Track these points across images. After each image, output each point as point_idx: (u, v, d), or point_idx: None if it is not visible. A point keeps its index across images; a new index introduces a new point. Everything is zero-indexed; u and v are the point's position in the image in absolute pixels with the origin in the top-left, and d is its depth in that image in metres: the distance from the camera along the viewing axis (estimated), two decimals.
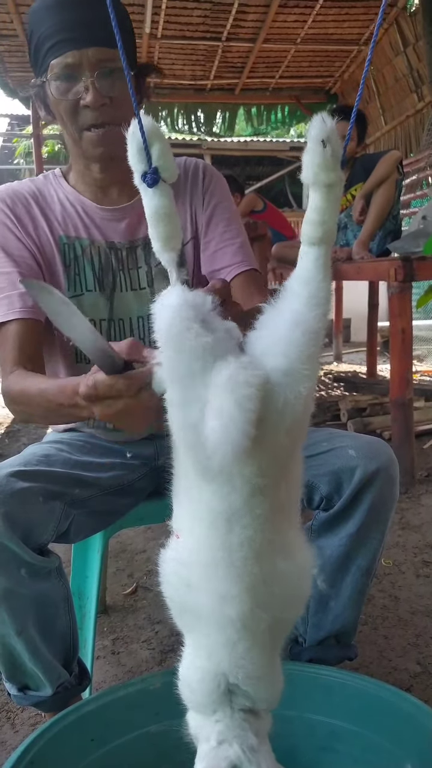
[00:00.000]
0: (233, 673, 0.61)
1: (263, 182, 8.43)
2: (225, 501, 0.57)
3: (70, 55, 0.98)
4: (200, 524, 0.59)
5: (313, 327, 0.57)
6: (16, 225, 1.08)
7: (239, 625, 0.59)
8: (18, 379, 0.98)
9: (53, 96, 1.02)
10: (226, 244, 1.13)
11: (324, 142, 0.53)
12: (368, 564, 1.00)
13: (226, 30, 4.92)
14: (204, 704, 0.64)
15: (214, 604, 0.59)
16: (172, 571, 0.63)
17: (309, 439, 1.02)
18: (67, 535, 1.00)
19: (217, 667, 0.62)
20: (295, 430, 0.57)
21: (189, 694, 0.66)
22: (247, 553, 0.57)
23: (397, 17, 4.85)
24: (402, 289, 2.32)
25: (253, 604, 0.59)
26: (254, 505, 0.57)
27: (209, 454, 0.52)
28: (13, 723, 1.23)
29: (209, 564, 0.59)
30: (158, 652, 1.43)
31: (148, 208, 0.63)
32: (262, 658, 0.62)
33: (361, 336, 5.80)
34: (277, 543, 0.59)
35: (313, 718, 0.92)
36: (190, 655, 0.66)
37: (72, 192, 1.13)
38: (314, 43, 5.27)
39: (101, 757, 0.85)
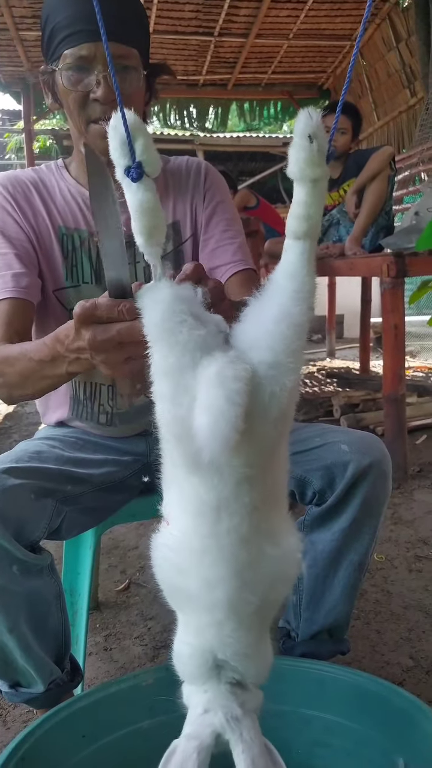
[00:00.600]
0: (221, 650, 0.63)
1: (256, 178, 8.41)
2: (213, 490, 0.58)
3: (85, 47, 0.98)
4: (189, 512, 0.61)
5: (299, 321, 0.57)
6: (16, 210, 1.08)
7: (227, 607, 0.61)
8: (2, 348, 0.96)
9: (63, 85, 1.01)
10: (226, 242, 1.14)
11: (310, 137, 0.53)
12: (361, 559, 1.00)
13: (219, 25, 4.91)
14: (194, 676, 0.66)
15: (203, 587, 0.61)
16: (162, 556, 0.64)
17: (302, 435, 1.04)
18: (59, 531, 1.00)
19: (206, 644, 0.64)
20: (281, 421, 0.58)
21: (181, 667, 0.68)
22: (234, 539, 0.59)
23: (390, 13, 4.85)
24: (394, 284, 2.33)
25: (241, 588, 0.60)
26: (241, 493, 0.58)
27: (199, 447, 0.53)
28: (4, 720, 1.22)
29: (198, 550, 0.60)
30: (151, 648, 1.43)
31: (132, 203, 0.63)
32: (249, 637, 0.64)
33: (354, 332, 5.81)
34: (263, 529, 0.60)
35: (306, 713, 0.92)
36: (182, 631, 0.68)
37: (73, 183, 1.13)
38: (307, 38, 5.27)
39: (93, 754, 0.85)
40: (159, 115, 6.08)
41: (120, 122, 0.61)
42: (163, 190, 1.15)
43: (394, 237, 2.81)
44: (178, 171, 1.18)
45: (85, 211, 1.12)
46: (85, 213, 1.12)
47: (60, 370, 0.82)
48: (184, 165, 1.18)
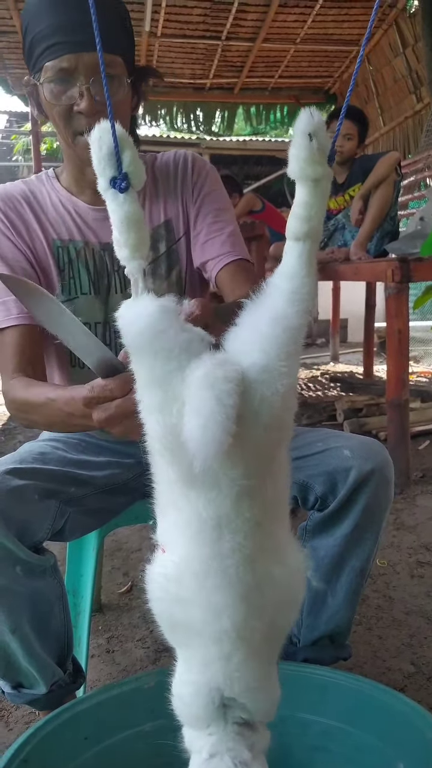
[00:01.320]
0: (228, 686, 0.59)
1: (262, 182, 8.42)
2: (212, 505, 0.55)
3: (65, 59, 0.95)
4: (188, 533, 0.57)
5: (294, 323, 0.55)
6: (9, 229, 1.07)
7: (234, 636, 0.57)
8: (20, 386, 0.96)
9: (46, 99, 0.99)
10: (215, 235, 1.11)
11: (310, 136, 0.52)
12: (363, 564, 1.00)
13: (226, 29, 4.93)
14: (198, 718, 0.62)
15: (207, 616, 0.57)
16: (159, 587, 0.60)
17: (304, 439, 1.04)
18: (62, 533, 1.00)
19: (212, 680, 0.60)
20: (275, 427, 0.55)
21: (183, 709, 0.64)
22: (238, 559, 0.55)
23: (397, 18, 4.86)
24: (399, 290, 2.33)
25: (248, 614, 0.57)
26: (242, 508, 0.55)
27: (191, 455, 0.50)
28: (6, 721, 1.23)
29: (200, 574, 0.57)
30: (153, 650, 1.44)
31: (117, 214, 0.61)
32: (259, 670, 0.60)
33: (358, 336, 5.81)
34: (269, 547, 0.57)
35: (307, 718, 0.92)
36: (183, 669, 0.64)
37: (65, 194, 1.11)
38: (314, 43, 5.28)
39: (95, 756, 0.85)
40: (166, 118, 6.10)
41: (105, 133, 0.60)
42: (153, 189, 1.13)
43: (398, 242, 2.81)
44: (167, 168, 1.15)
45: (79, 222, 1.10)
46: (78, 224, 1.10)
47: (91, 424, 0.79)
48: (171, 161, 1.15)
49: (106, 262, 1.10)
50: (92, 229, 1.10)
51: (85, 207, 1.11)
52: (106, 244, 1.10)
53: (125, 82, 1.01)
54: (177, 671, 0.65)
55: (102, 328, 1.12)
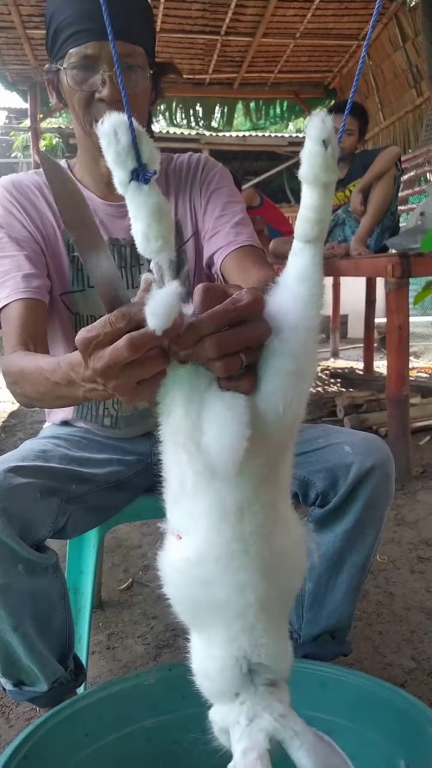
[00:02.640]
0: (255, 653, 0.63)
1: (261, 177, 8.40)
2: (235, 493, 0.59)
3: (90, 46, 0.96)
4: (210, 519, 0.60)
5: (310, 325, 0.58)
6: (21, 213, 1.08)
7: (257, 609, 0.61)
8: (18, 358, 0.96)
9: (68, 85, 1.00)
10: (219, 228, 1.10)
11: (325, 143, 0.53)
12: (363, 560, 1.00)
13: (225, 24, 4.91)
14: (226, 692, 0.65)
15: (232, 593, 0.61)
16: (180, 572, 0.63)
17: (305, 435, 1.04)
18: (64, 531, 1.00)
19: (237, 652, 0.63)
20: (297, 422, 0.60)
21: (210, 685, 0.66)
22: (258, 539, 0.60)
23: (397, 12, 4.84)
24: (399, 285, 2.32)
25: (267, 586, 0.61)
26: (261, 493, 0.59)
27: (211, 462, 0.54)
28: (7, 718, 1.23)
29: (223, 557, 0.60)
30: (153, 647, 1.44)
31: (146, 207, 0.60)
32: (278, 632, 0.64)
33: (358, 332, 5.80)
34: (279, 524, 0.62)
35: (307, 714, 0.91)
36: (204, 647, 0.66)
37: (79, 187, 1.12)
38: (313, 37, 5.26)
39: (96, 752, 0.85)
40: (165, 113, 6.08)
41: (120, 126, 0.59)
42: (164, 189, 1.14)
43: (399, 237, 2.80)
44: (179, 170, 1.16)
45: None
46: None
47: (77, 393, 0.76)
48: (185, 163, 1.17)
49: (115, 258, 1.11)
50: (103, 223, 1.11)
51: (98, 201, 1.11)
52: (116, 240, 1.11)
53: (147, 74, 1.02)
54: (196, 652, 0.68)
55: None
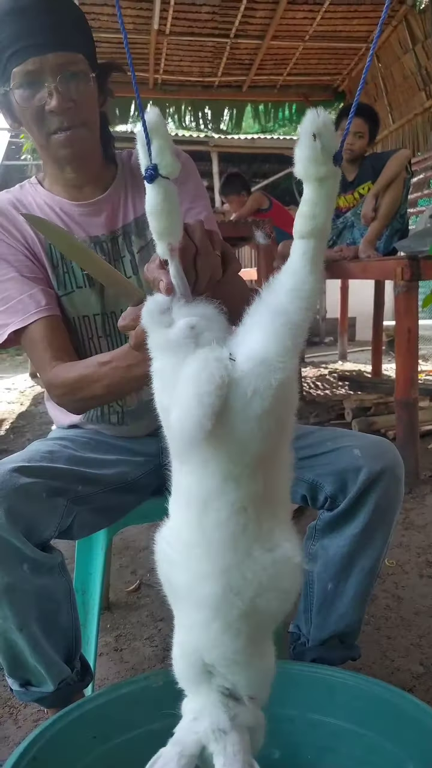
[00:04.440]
0: (208, 652, 0.63)
1: (269, 180, 8.40)
2: (200, 483, 0.60)
3: (30, 62, 0.98)
4: (181, 504, 0.63)
5: (294, 319, 0.57)
6: (4, 233, 1.10)
7: (213, 606, 0.61)
8: (64, 370, 1.00)
9: (18, 104, 1.02)
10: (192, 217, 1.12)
11: (315, 136, 0.53)
12: (372, 564, 0.99)
13: (235, 27, 4.91)
14: (187, 679, 0.66)
15: (191, 581, 0.62)
16: (160, 549, 0.66)
17: (314, 438, 1.03)
18: (70, 531, 1.00)
19: (194, 643, 0.64)
20: (267, 420, 0.57)
21: (175, 670, 0.68)
22: (221, 536, 0.59)
23: (406, 15, 4.82)
24: (408, 288, 2.31)
25: (227, 588, 0.60)
26: (227, 490, 0.59)
27: (171, 438, 0.57)
28: (15, 718, 1.23)
29: (187, 542, 0.62)
30: (161, 649, 1.44)
31: (146, 204, 0.65)
32: (237, 643, 0.62)
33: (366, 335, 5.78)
34: (252, 531, 0.60)
35: (315, 718, 0.92)
36: (176, 632, 0.68)
37: (48, 195, 1.14)
38: (323, 40, 5.26)
39: (103, 755, 0.85)
40: (174, 116, 6.09)
41: (141, 127, 0.61)
42: (133, 182, 1.16)
43: (408, 240, 2.79)
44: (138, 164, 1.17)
45: (65, 219, 1.13)
46: (64, 221, 1.12)
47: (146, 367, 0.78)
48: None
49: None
50: (79, 224, 1.13)
51: (68, 204, 1.13)
52: (95, 237, 1.13)
53: (90, 78, 1.04)
54: (174, 633, 0.69)
55: (100, 319, 1.13)
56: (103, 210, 1.13)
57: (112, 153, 1.18)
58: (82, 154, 1.07)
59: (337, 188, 0.58)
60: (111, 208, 1.14)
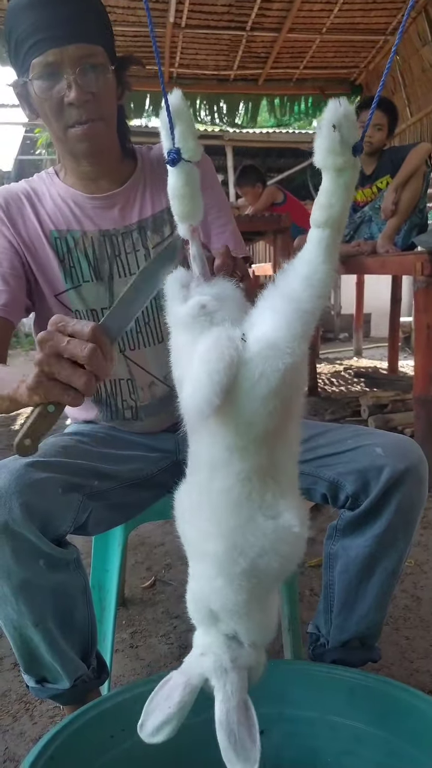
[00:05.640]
0: (212, 601, 0.67)
1: (284, 174, 8.35)
2: (208, 450, 0.64)
3: (50, 53, 0.97)
4: (193, 467, 0.68)
5: (305, 307, 0.59)
6: (6, 224, 1.09)
7: (216, 563, 0.65)
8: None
9: (37, 95, 1.01)
10: (219, 231, 1.15)
11: (334, 126, 0.54)
12: (394, 566, 0.97)
13: (251, 19, 4.87)
14: (197, 619, 0.71)
15: (198, 537, 0.67)
16: (177, 502, 0.71)
17: (335, 436, 1.02)
18: (85, 527, 0.99)
19: (201, 591, 0.68)
20: (274, 401, 0.59)
21: (189, 608, 0.72)
22: (225, 501, 0.63)
23: (426, 6, 4.75)
24: (428, 284, 2.28)
25: (230, 548, 0.64)
26: (232, 461, 0.62)
27: (184, 410, 0.60)
28: (31, 714, 1.23)
29: (196, 502, 0.67)
30: (177, 646, 1.43)
31: (168, 186, 0.68)
32: (239, 597, 0.66)
33: (381, 331, 5.74)
34: (255, 500, 0.63)
35: (336, 720, 0.90)
36: (189, 576, 0.72)
37: (63, 187, 1.14)
38: (340, 33, 5.19)
39: (121, 754, 0.84)
40: (189, 110, 6.06)
41: (163, 111, 0.63)
42: (152, 177, 1.15)
43: (427, 235, 2.75)
44: (162, 158, 1.16)
45: (77, 212, 1.12)
46: (76, 214, 1.11)
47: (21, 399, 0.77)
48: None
49: (106, 249, 1.12)
50: (90, 217, 1.12)
51: (83, 197, 1.13)
52: (106, 231, 1.12)
53: (109, 71, 1.03)
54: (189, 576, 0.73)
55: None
56: (116, 204, 1.12)
57: (130, 147, 1.17)
58: (99, 147, 1.06)
59: (356, 179, 0.58)
60: (125, 202, 1.13)
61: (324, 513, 1.94)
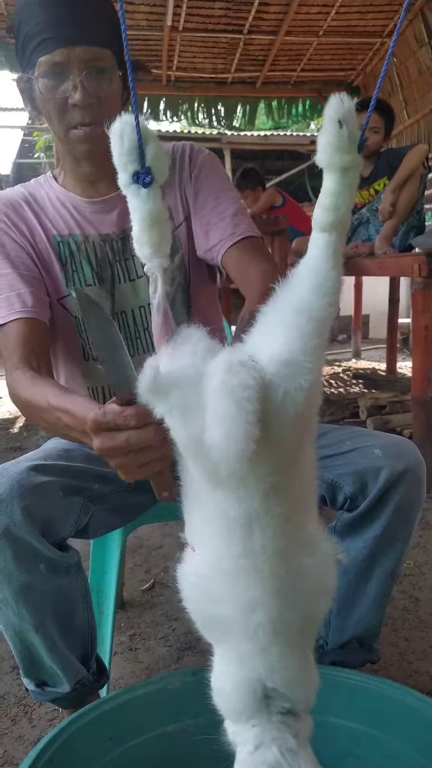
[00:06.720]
0: (270, 678, 0.60)
1: (283, 176, 8.36)
2: (241, 505, 0.55)
3: (58, 53, 0.97)
4: (217, 533, 0.57)
5: (319, 316, 0.54)
6: (11, 228, 1.09)
7: (270, 631, 0.57)
8: (24, 382, 0.95)
9: (41, 93, 1.01)
10: (217, 219, 1.10)
11: (340, 122, 0.51)
12: (393, 567, 0.97)
13: (248, 22, 4.87)
14: (240, 712, 0.62)
15: (242, 614, 0.57)
16: (192, 585, 0.61)
17: (333, 438, 1.02)
18: (86, 530, 0.99)
19: (252, 674, 0.60)
20: (300, 422, 0.55)
21: (224, 704, 0.64)
22: (270, 555, 0.55)
23: (423, 8, 4.76)
24: (426, 285, 2.28)
25: (282, 607, 0.57)
26: (271, 504, 0.55)
27: (216, 462, 0.49)
28: (30, 717, 1.23)
29: (232, 572, 0.57)
30: (176, 649, 1.43)
31: (140, 212, 0.61)
32: (297, 659, 0.60)
33: (379, 333, 5.73)
34: (298, 540, 0.57)
35: (335, 722, 0.90)
36: (222, 664, 0.63)
37: (62, 191, 1.13)
38: (337, 35, 5.20)
39: (119, 756, 0.84)
40: (187, 113, 6.07)
41: (128, 126, 0.58)
42: None
43: (425, 236, 2.76)
44: None
45: (77, 217, 1.12)
46: (76, 218, 1.12)
47: (89, 441, 0.75)
48: (170, 152, 1.15)
49: (108, 253, 1.11)
50: (90, 222, 1.12)
51: (81, 201, 1.12)
52: (106, 235, 1.12)
53: (116, 75, 1.02)
54: (215, 666, 0.65)
55: None
56: (115, 207, 1.12)
57: None
58: (100, 150, 1.05)
59: (359, 179, 0.56)
60: (124, 206, 1.12)
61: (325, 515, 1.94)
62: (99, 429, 0.67)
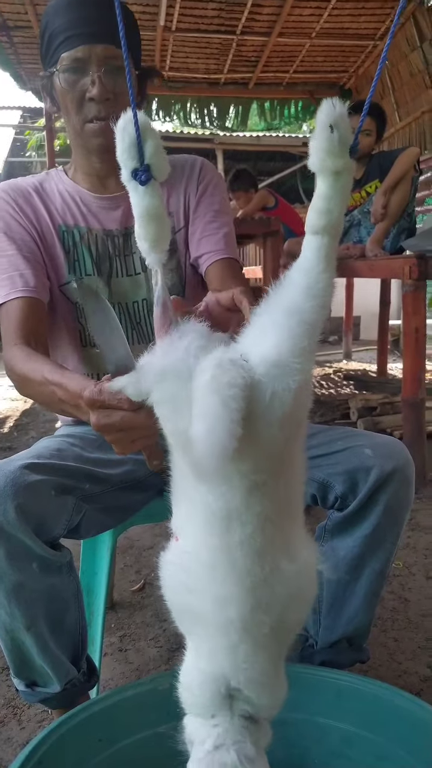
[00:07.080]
0: (235, 676, 0.60)
1: (275, 177, 8.38)
2: (222, 499, 0.55)
3: (80, 49, 1.04)
4: (198, 524, 0.58)
5: (309, 318, 0.55)
6: (18, 212, 1.13)
7: (240, 628, 0.57)
8: (21, 357, 1.00)
9: (61, 86, 1.07)
10: (211, 233, 1.16)
11: (332, 127, 0.51)
12: (382, 566, 0.98)
13: (241, 23, 4.88)
14: (204, 707, 0.62)
15: (215, 607, 0.58)
16: (171, 574, 0.62)
17: (323, 438, 1.02)
18: (78, 530, 0.99)
19: (219, 670, 0.60)
20: (288, 424, 0.55)
21: (189, 697, 0.64)
22: (247, 552, 0.56)
23: (414, 12, 4.79)
24: (416, 287, 2.30)
25: (255, 606, 0.57)
26: (253, 502, 0.55)
27: (198, 457, 0.50)
28: (19, 719, 1.22)
29: (208, 564, 0.57)
30: (166, 650, 1.42)
31: (138, 208, 0.62)
32: (265, 663, 0.60)
33: (370, 334, 5.76)
34: (278, 541, 0.57)
35: (324, 722, 0.90)
36: (192, 657, 0.64)
37: (71, 184, 1.18)
38: (329, 37, 5.22)
39: (110, 757, 0.84)
40: (180, 113, 6.07)
41: (129, 123, 0.59)
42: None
43: (416, 239, 2.77)
44: (176, 165, 1.20)
45: (83, 209, 1.16)
46: (82, 211, 1.16)
47: (80, 416, 0.83)
48: (183, 160, 1.22)
49: (108, 248, 1.16)
50: (95, 215, 1.17)
51: (89, 195, 1.17)
52: (109, 231, 1.16)
53: (134, 74, 1.08)
54: (186, 659, 0.65)
55: None
56: (120, 205, 1.16)
57: None
58: (112, 145, 1.07)
59: (351, 182, 0.56)
60: (129, 205, 1.13)
61: (312, 515, 1.94)
62: (94, 406, 0.73)
